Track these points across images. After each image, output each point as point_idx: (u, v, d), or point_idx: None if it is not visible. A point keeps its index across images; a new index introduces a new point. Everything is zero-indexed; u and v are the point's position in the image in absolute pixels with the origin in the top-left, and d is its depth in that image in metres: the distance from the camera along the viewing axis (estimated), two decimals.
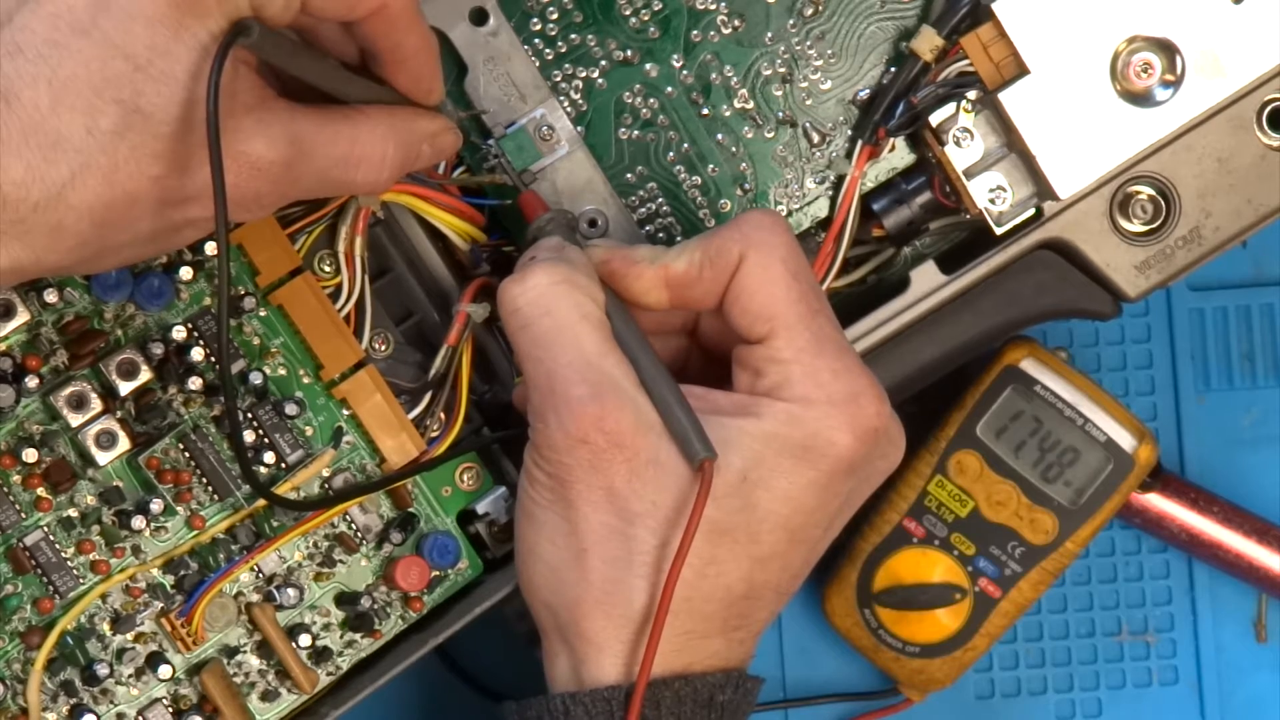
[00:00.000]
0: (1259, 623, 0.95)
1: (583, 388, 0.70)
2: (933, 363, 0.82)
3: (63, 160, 0.65)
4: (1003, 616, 0.89)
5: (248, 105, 0.69)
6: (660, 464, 0.71)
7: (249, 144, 0.69)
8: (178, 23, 0.66)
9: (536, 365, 0.72)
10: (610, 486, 0.70)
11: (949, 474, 0.88)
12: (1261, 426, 0.95)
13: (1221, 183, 0.80)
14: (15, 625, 0.76)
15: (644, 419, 0.71)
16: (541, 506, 0.72)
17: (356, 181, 0.72)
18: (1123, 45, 0.79)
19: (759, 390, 0.72)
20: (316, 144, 0.71)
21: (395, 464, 0.79)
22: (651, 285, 0.74)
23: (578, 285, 0.73)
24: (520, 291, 0.72)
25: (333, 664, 0.79)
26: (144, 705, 0.77)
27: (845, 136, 0.83)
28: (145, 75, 0.66)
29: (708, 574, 0.71)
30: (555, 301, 0.72)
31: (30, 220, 0.66)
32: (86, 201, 0.66)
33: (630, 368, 0.72)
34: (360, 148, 0.72)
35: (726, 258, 0.73)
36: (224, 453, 0.77)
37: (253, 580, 0.78)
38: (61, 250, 0.67)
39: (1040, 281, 0.81)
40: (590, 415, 0.70)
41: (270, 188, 0.70)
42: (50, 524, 0.76)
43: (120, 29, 0.65)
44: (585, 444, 0.70)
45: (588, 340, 0.72)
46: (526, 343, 0.72)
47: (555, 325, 0.72)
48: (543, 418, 0.71)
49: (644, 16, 0.82)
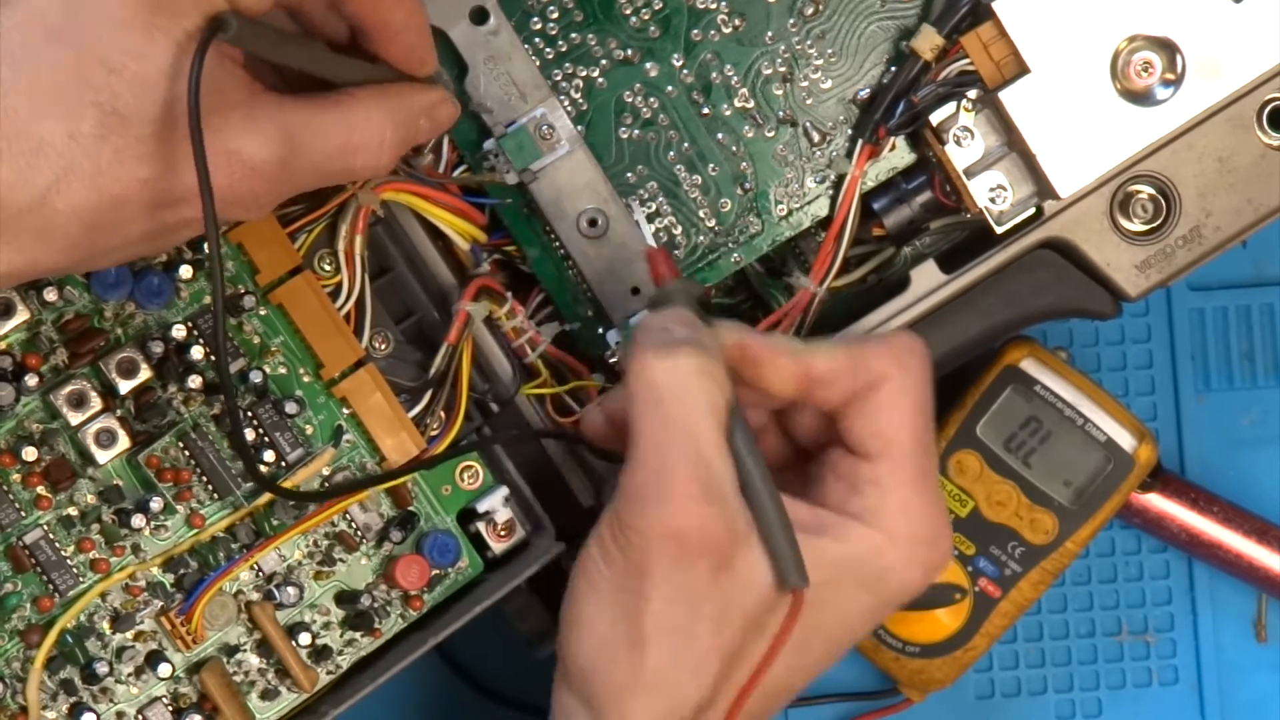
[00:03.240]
0: (1259, 623, 0.95)
1: (693, 485, 0.69)
2: (933, 362, 0.82)
3: (45, 165, 0.65)
4: (1003, 616, 0.89)
5: (235, 102, 0.68)
6: (741, 573, 0.70)
7: (240, 142, 0.68)
8: (148, 23, 0.65)
9: (652, 446, 0.70)
10: (688, 585, 0.69)
11: (949, 474, 0.88)
12: (1261, 426, 0.95)
13: (1222, 182, 0.80)
14: (15, 624, 0.76)
15: (739, 528, 0.70)
16: (609, 582, 0.70)
17: (356, 168, 0.72)
18: (1123, 44, 0.79)
19: (849, 509, 0.72)
20: (311, 137, 0.70)
21: (395, 463, 0.79)
22: (788, 377, 0.73)
23: (715, 379, 0.71)
24: (665, 368, 0.70)
25: (332, 663, 0.79)
26: (144, 704, 0.77)
27: (846, 136, 0.83)
28: (120, 78, 0.65)
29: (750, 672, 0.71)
30: (691, 389, 0.70)
31: (17, 224, 0.66)
32: (73, 205, 0.66)
33: (735, 472, 0.70)
34: (357, 134, 0.71)
35: (871, 371, 0.72)
36: (224, 451, 0.77)
37: (252, 579, 0.78)
38: (54, 253, 0.67)
39: (1040, 281, 0.81)
40: (692, 514, 0.69)
41: (266, 187, 0.69)
42: (50, 522, 0.76)
43: (91, 33, 0.65)
44: (677, 539, 0.69)
45: (708, 438, 0.70)
46: (651, 421, 0.70)
47: (684, 413, 0.70)
48: (640, 498, 0.70)
49: (644, 16, 0.82)
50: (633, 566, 0.69)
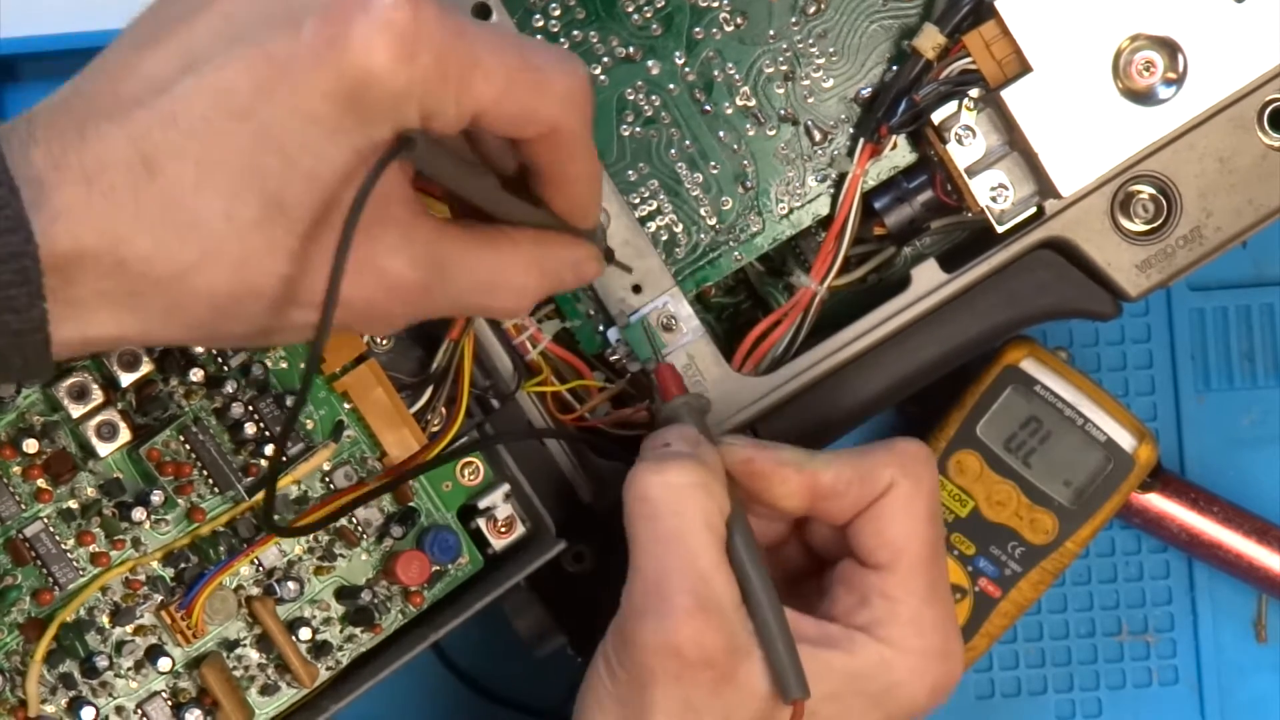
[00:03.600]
0: (1259, 623, 0.95)
1: (689, 599, 0.69)
2: (933, 362, 0.82)
3: (195, 242, 0.64)
4: (1003, 616, 0.89)
5: (396, 218, 0.67)
6: (742, 685, 0.70)
7: (390, 260, 0.67)
8: (337, 123, 0.64)
9: (649, 560, 0.71)
10: (688, 699, 0.70)
11: (949, 474, 0.88)
12: (1261, 426, 0.95)
13: (1223, 182, 0.80)
14: (14, 617, 0.76)
15: (739, 642, 0.70)
16: (613, 697, 0.71)
17: (494, 308, 0.71)
18: (1125, 43, 0.79)
19: (857, 621, 0.72)
20: (459, 268, 0.69)
21: (396, 458, 0.79)
22: (794, 491, 0.73)
23: (711, 493, 0.71)
24: (657, 484, 0.71)
25: (333, 658, 0.79)
26: (143, 698, 0.77)
27: (847, 134, 0.83)
28: (293, 171, 0.64)
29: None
30: (686, 504, 0.71)
31: (148, 295, 0.64)
32: (209, 287, 0.64)
33: (736, 586, 0.71)
34: (503, 275, 0.70)
35: (876, 481, 0.72)
36: (225, 445, 0.77)
37: (253, 573, 0.78)
38: (172, 328, 0.66)
39: (1041, 280, 0.81)
40: (689, 628, 0.69)
41: (404, 309, 0.68)
42: (50, 515, 0.76)
43: (277, 120, 0.63)
44: (677, 655, 0.69)
45: (705, 552, 0.70)
46: (647, 535, 0.71)
47: (680, 528, 0.70)
48: (639, 614, 0.70)
49: (646, 13, 0.82)
50: (635, 680, 0.70)
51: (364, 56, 0.63)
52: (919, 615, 0.72)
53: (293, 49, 0.63)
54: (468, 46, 0.65)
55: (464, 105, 0.65)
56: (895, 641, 0.72)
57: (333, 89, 0.63)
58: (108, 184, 0.63)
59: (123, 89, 0.64)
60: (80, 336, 0.65)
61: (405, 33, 0.63)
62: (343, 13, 0.63)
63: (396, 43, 0.63)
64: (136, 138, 0.63)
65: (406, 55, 0.63)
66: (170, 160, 0.63)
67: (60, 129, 0.64)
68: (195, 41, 0.64)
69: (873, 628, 0.72)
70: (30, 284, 0.62)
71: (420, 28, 0.63)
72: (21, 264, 0.62)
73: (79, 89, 0.65)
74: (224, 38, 0.64)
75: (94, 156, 0.63)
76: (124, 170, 0.63)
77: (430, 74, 0.64)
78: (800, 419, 0.81)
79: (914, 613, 0.72)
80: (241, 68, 0.63)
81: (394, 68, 0.63)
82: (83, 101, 0.64)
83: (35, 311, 0.63)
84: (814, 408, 0.81)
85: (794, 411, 0.81)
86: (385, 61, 0.63)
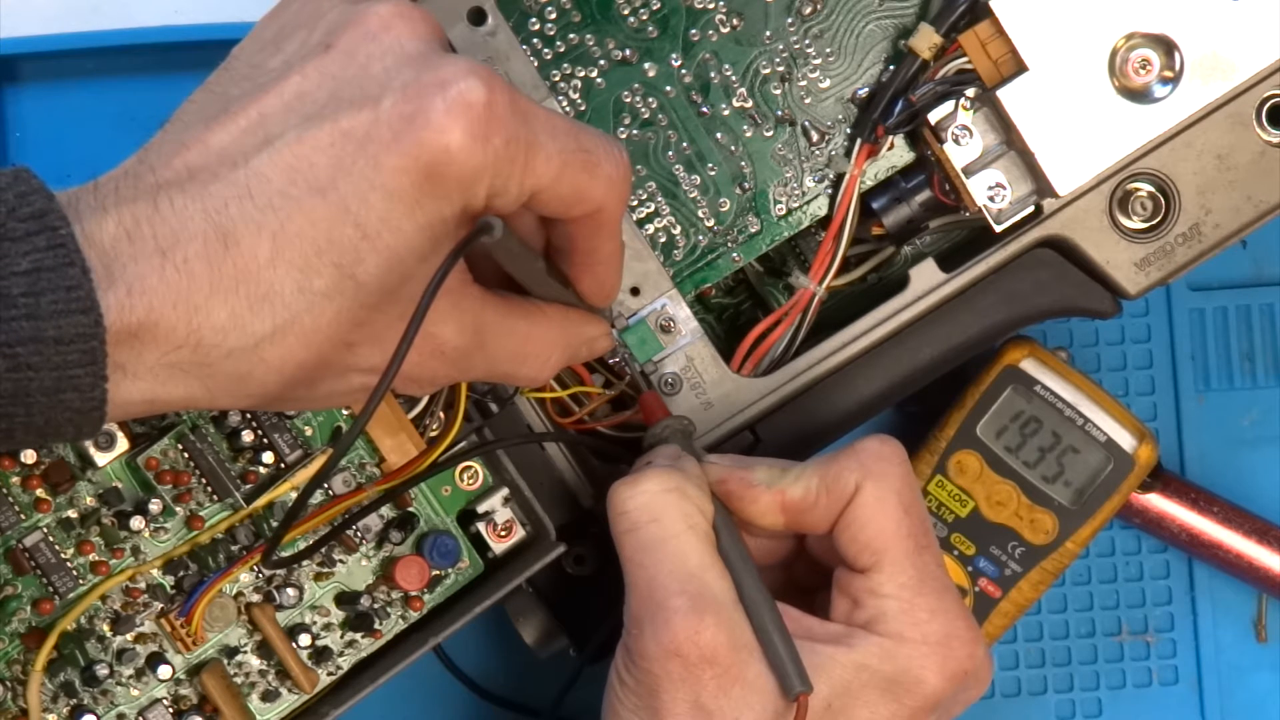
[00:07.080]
0: (1259, 623, 0.95)
1: (682, 599, 0.70)
2: (933, 362, 0.82)
3: (268, 314, 0.64)
4: (1003, 616, 0.89)
5: (449, 288, 0.68)
6: (749, 683, 0.70)
7: (440, 327, 0.68)
8: (415, 200, 0.64)
9: (638, 570, 0.72)
10: (697, 700, 0.70)
11: (949, 474, 0.88)
12: (1261, 426, 0.95)
13: (1221, 179, 0.80)
14: (15, 626, 0.76)
15: (739, 638, 0.71)
16: (629, 709, 0.72)
17: (519, 375, 0.73)
18: (1121, 42, 0.79)
19: (855, 621, 0.72)
20: (496, 336, 0.70)
21: (394, 463, 0.78)
22: (767, 509, 0.74)
23: (688, 495, 0.73)
24: (630, 495, 0.72)
25: (333, 664, 0.79)
26: (144, 706, 0.77)
27: (844, 135, 0.83)
28: (370, 245, 0.64)
29: None
30: (663, 509, 0.72)
31: (218, 365, 0.65)
32: (280, 358, 0.65)
33: (731, 584, 0.72)
34: (532, 345, 0.72)
35: (843, 486, 0.73)
36: (223, 453, 0.77)
37: (252, 580, 0.78)
38: (239, 396, 0.66)
39: (1040, 279, 0.81)
40: (686, 628, 0.70)
41: (445, 371, 0.70)
42: (49, 525, 0.76)
43: (357, 196, 0.64)
44: (678, 657, 0.70)
45: (691, 552, 0.71)
46: (631, 547, 0.72)
47: (661, 533, 0.72)
48: (638, 624, 0.71)
49: (642, 16, 0.82)
50: (645, 689, 0.71)
51: (442, 135, 0.64)
52: (912, 607, 0.72)
53: (371, 126, 0.64)
54: (530, 129, 0.66)
55: (525, 185, 0.66)
56: (893, 634, 0.72)
57: (411, 165, 0.64)
58: (182, 257, 0.63)
59: (194, 161, 0.65)
60: (145, 399, 0.65)
61: (481, 115, 0.64)
62: (422, 91, 0.64)
63: (474, 124, 0.64)
64: (212, 211, 0.64)
65: (482, 136, 0.64)
66: (247, 233, 0.64)
67: (131, 199, 0.64)
68: (268, 116, 0.65)
69: (870, 625, 0.72)
70: (96, 364, 0.63)
71: (494, 110, 0.64)
72: (89, 345, 0.62)
73: (145, 160, 0.66)
74: (297, 114, 0.65)
75: (168, 229, 0.64)
76: (200, 243, 0.63)
77: (501, 155, 0.65)
78: (800, 420, 0.81)
79: (906, 605, 0.72)
80: (319, 143, 0.64)
81: (470, 147, 0.64)
82: (151, 173, 0.65)
83: (97, 392, 0.63)
84: (814, 408, 0.81)
85: (794, 412, 0.81)
86: (462, 141, 0.64)
